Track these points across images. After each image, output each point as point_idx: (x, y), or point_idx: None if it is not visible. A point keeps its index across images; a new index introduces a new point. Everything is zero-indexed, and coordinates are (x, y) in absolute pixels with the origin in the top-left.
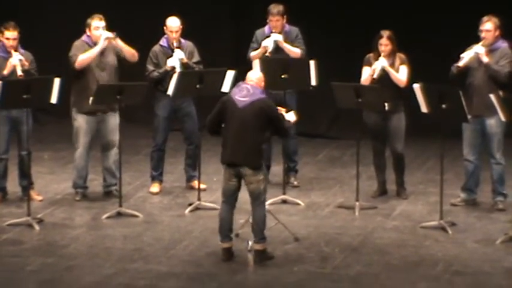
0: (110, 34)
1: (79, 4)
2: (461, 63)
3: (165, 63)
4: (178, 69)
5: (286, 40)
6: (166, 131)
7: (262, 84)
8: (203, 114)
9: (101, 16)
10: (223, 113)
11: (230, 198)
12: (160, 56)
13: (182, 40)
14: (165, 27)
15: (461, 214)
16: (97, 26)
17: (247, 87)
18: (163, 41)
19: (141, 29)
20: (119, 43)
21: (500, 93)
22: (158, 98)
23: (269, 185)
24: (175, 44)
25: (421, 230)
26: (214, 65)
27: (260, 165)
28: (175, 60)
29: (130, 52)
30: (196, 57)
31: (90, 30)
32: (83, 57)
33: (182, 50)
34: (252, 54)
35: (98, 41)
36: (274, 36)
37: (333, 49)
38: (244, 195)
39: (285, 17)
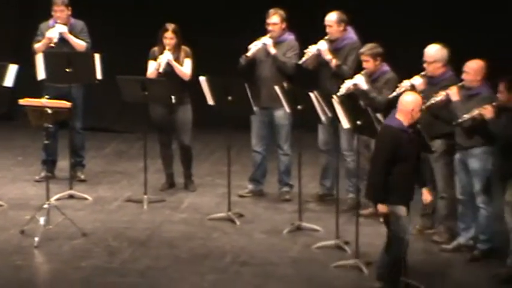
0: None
1: None
2: (249, 54)
3: None
4: None
5: (71, 33)
6: None
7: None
8: None
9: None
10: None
11: None
12: None
13: None
14: None
15: (248, 205)
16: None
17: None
18: None
19: None
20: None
21: (285, 84)
22: None
23: (55, 180)
24: None
25: (209, 222)
26: None
27: None
28: None
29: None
30: None
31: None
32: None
33: None
34: (37, 46)
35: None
36: (58, 28)
37: (119, 43)
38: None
39: (69, 8)
